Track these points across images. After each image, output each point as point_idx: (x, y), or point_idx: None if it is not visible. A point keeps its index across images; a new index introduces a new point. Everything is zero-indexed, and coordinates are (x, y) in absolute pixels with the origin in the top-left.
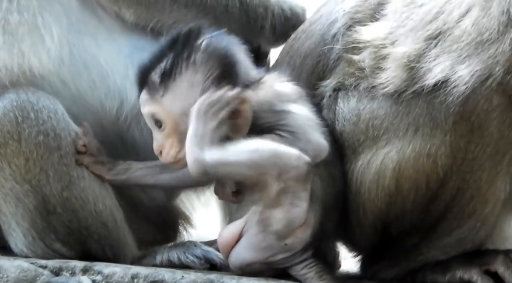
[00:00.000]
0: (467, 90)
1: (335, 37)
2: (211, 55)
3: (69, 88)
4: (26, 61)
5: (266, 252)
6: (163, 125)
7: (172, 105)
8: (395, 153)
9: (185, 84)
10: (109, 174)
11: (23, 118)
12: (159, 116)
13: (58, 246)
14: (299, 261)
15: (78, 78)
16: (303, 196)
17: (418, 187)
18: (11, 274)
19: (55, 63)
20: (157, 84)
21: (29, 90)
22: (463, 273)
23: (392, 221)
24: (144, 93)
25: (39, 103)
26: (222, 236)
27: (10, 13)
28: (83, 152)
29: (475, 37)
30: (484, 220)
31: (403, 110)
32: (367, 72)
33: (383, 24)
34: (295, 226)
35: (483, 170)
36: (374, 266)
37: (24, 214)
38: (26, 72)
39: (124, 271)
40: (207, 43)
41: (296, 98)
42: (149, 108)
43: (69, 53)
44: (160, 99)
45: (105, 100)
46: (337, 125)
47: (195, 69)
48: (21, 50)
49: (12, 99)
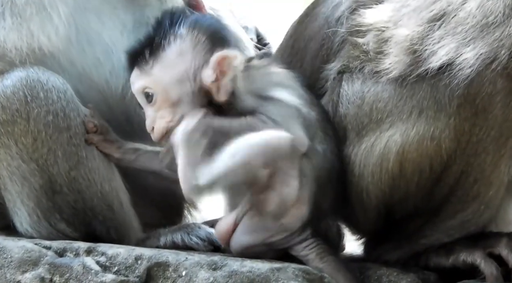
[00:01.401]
0: (472, 73)
1: (339, 20)
2: (197, 25)
3: (76, 66)
4: (35, 40)
5: (264, 234)
6: (153, 98)
7: (162, 74)
8: (399, 136)
9: (174, 53)
10: (117, 152)
11: (32, 98)
12: (149, 89)
13: (62, 226)
14: (299, 241)
15: (84, 56)
16: (293, 173)
17: (422, 170)
18: (15, 255)
19: (63, 41)
20: (147, 57)
21: (39, 69)
22: (466, 256)
23: (395, 204)
24: (134, 71)
25: (49, 83)
26: (218, 228)
27: None
28: (94, 131)
29: (480, 19)
30: (488, 203)
31: (407, 93)
32: (371, 55)
33: (387, 6)
34: (289, 205)
35: (487, 153)
36: (378, 249)
37: (30, 193)
38: (36, 51)
39: (128, 252)
40: (192, 20)
41: (288, 84)
42: (139, 83)
43: (75, 31)
44: (150, 70)
45: (110, 78)
46: (340, 107)
47: (183, 38)
48: (30, 29)
49: (21, 78)
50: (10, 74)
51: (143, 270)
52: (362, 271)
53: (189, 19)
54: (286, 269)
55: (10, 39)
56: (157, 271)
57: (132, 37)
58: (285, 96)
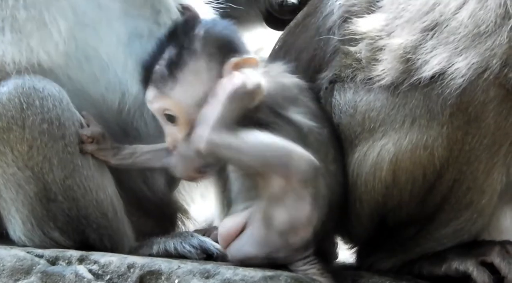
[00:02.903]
0: (464, 82)
1: (331, 30)
2: (208, 41)
3: (73, 81)
4: (35, 56)
5: (267, 248)
6: (175, 119)
7: (183, 97)
8: (391, 145)
9: (191, 73)
10: (114, 159)
11: (28, 105)
12: (170, 111)
13: (56, 234)
14: (301, 258)
15: (81, 71)
16: (308, 197)
17: (415, 178)
18: (7, 263)
19: (62, 57)
20: (165, 77)
21: (36, 77)
22: (459, 264)
23: (389, 213)
24: (151, 89)
25: (45, 90)
26: (224, 227)
27: (17, 10)
28: (89, 142)
29: (472, 29)
30: (481, 211)
31: (399, 102)
32: (363, 63)
33: (380, 15)
34: (298, 226)
35: (480, 162)
36: (371, 257)
37: (25, 200)
38: (35, 66)
39: (120, 260)
40: (203, 31)
41: (302, 102)
42: (159, 104)
43: (74, 47)
44: (170, 92)
45: (107, 93)
46: (333, 117)
47: (197, 57)
48: (29, 45)
49: (17, 85)
50: (6, 82)
51: (136, 279)
52: (355, 280)
53: (200, 30)
54: (279, 277)
55: (9, 52)
56: (149, 280)
57: (127, 51)
58: (300, 118)
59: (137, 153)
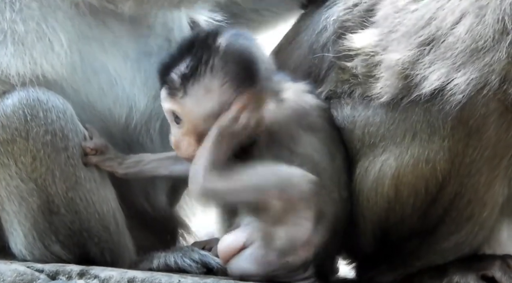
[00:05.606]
0: (464, 98)
1: (325, 46)
2: (227, 60)
3: (80, 95)
4: (38, 67)
5: (267, 267)
6: (181, 123)
7: (191, 109)
8: (393, 160)
9: (203, 89)
10: (120, 168)
11: (32, 117)
12: (178, 114)
13: (56, 248)
14: (301, 278)
15: (88, 85)
16: (308, 215)
17: (417, 192)
18: (7, 278)
19: (68, 69)
20: (177, 86)
21: (40, 89)
22: (460, 278)
23: (391, 227)
24: (164, 90)
25: (49, 102)
26: (223, 244)
27: (15, 23)
28: (93, 154)
29: (469, 44)
30: (482, 224)
31: (399, 117)
32: (360, 79)
33: (373, 31)
34: (298, 245)
35: (481, 174)
36: (371, 271)
37: (27, 213)
38: (40, 78)
39: (120, 275)
40: (224, 47)
41: (319, 126)
42: (169, 105)
43: (80, 59)
44: (180, 100)
45: (114, 107)
46: None
47: (213, 75)
48: (33, 57)
49: (22, 97)
50: (11, 94)
51: None
52: None
53: (221, 45)
54: None
55: (13, 64)
56: None
57: (136, 66)
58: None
59: (143, 161)
